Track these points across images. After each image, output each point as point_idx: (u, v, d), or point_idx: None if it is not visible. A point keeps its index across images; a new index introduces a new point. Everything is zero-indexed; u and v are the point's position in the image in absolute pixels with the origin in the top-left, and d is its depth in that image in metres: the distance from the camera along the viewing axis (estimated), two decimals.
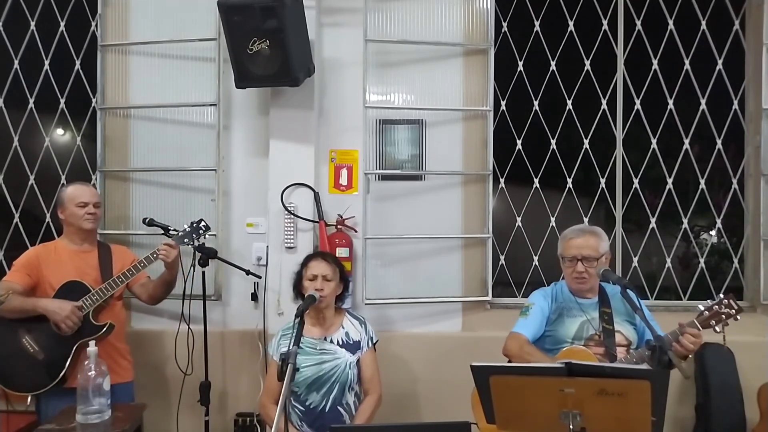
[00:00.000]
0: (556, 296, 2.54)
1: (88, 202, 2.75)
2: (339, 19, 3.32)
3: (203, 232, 2.85)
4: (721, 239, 3.63)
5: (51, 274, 2.69)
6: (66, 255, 2.76)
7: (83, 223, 2.74)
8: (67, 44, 3.54)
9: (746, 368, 3.20)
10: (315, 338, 2.55)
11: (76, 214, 2.74)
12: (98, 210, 2.80)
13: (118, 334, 2.77)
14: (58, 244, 2.83)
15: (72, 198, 2.75)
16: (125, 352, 2.86)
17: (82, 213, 2.73)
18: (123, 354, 2.83)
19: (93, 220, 2.77)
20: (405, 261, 3.39)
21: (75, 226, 2.76)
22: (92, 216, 2.76)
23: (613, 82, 3.48)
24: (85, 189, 2.79)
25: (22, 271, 2.68)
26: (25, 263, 2.71)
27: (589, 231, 2.50)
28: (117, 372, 2.72)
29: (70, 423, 2.11)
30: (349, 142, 3.33)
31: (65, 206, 2.76)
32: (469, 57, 3.41)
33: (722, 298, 2.24)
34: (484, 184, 3.39)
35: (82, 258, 2.77)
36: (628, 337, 2.43)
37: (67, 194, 2.76)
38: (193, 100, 3.35)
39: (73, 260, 2.75)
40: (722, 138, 3.46)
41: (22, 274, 2.67)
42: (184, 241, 2.80)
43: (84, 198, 2.75)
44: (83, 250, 2.80)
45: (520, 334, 2.43)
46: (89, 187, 2.84)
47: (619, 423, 1.68)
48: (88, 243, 2.82)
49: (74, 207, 2.74)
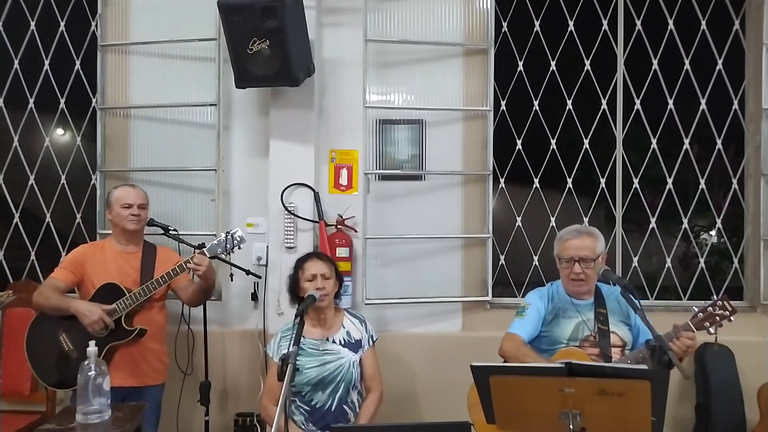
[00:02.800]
0: (552, 297, 2.54)
1: (132, 204, 2.78)
2: (339, 19, 3.32)
3: (238, 243, 2.77)
4: (721, 239, 3.63)
5: (94, 273, 2.74)
6: (111, 255, 2.79)
7: (126, 224, 2.77)
8: (67, 44, 3.54)
9: (746, 368, 3.20)
10: (317, 339, 2.55)
11: (121, 215, 2.77)
12: (143, 212, 2.83)
13: (153, 336, 2.77)
14: (105, 243, 2.86)
15: (118, 199, 2.79)
16: (161, 354, 2.85)
17: (126, 214, 2.77)
18: (159, 356, 2.83)
19: (136, 222, 2.79)
20: (405, 261, 3.39)
21: (120, 227, 2.80)
22: (136, 218, 2.78)
23: (613, 82, 3.48)
24: (131, 191, 2.83)
25: (68, 268, 2.75)
26: (71, 261, 2.77)
27: (586, 232, 2.49)
28: (149, 374, 2.76)
29: (70, 423, 2.11)
30: (349, 142, 3.33)
31: (112, 207, 2.80)
32: (469, 57, 3.42)
33: (716, 300, 2.25)
34: (484, 184, 3.39)
35: (125, 259, 2.80)
36: (623, 338, 2.43)
37: (114, 196, 2.81)
38: (193, 100, 3.35)
39: (117, 260, 2.78)
40: (722, 138, 3.46)
41: (67, 272, 2.74)
42: (218, 251, 2.75)
43: (129, 200, 2.78)
44: (128, 251, 2.82)
45: (516, 335, 2.43)
46: (136, 189, 2.86)
47: (619, 423, 1.68)
48: (133, 244, 2.84)
49: (119, 208, 2.78)
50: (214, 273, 2.81)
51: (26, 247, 3.45)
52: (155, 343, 2.80)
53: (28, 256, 3.49)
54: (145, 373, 2.74)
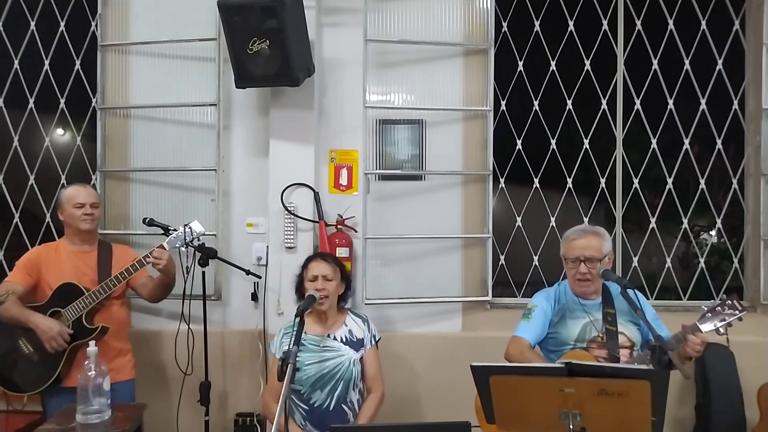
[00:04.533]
0: (558, 298, 2.51)
1: (84, 203, 2.75)
2: (339, 19, 3.32)
3: (197, 235, 2.77)
4: (721, 239, 3.63)
5: (50, 274, 2.71)
6: (65, 255, 2.77)
7: (80, 224, 2.74)
8: (67, 44, 3.54)
9: (746, 368, 3.20)
10: (318, 335, 2.55)
11: (74, 215, 2.74)
12: (96, 210, 2.80)
13: (115, 334, 2.76)
14: (59, 244, 2.84)
15: (69, 199, 2.76)
16: (125, 350, 2.85)
17: (79, 214, 2.74)
18: (122, 353, 2.83)
19: (90, 221, 2.76)
20: (405, 261, 3.39)
21: (73, 227, 2.77)
22: (89, 216, 2.76)
23: (613, 82, 3.48)
24: (81, 190, 2.79)
25: (23, 270, 2.71)
26: (26, 263, 2.74)
27: (592, 231, 2.47)
28: (115, 370, 2.71)
29: (70, 423, 2.11)
30: (349, 142, 3.33)
31: (63, 207, 2.77)
32: (469, 57, 3.41)
33: (726, 299, 2.20)
34: (484, 184, 3.39)
35: (81, 258, 2.78)
36: (632, 339, 2.39)
37: (65, 195, 2.77)
38: (193, 100, 3.35)
39: (72, 261, 2.76)
40: (722, 138, 3.46)
41: (23, 274, 2.70)
42: (176, 245, 2.75)
43: (80, 199, 2.75)
44: (83, 250, 2.80)
45: (521, 338, 2.41)
46: (87, 188, 2.84)
47: (619, 423, 1.68)
48: (88, 244, 2.82)
49: (72, 208, 2.75)
50: (174, 267, 2.77)
51: (26, 247, 3.45)
52: (118, 340, 2.79)
53: None
54: (112, 369, 2.60)
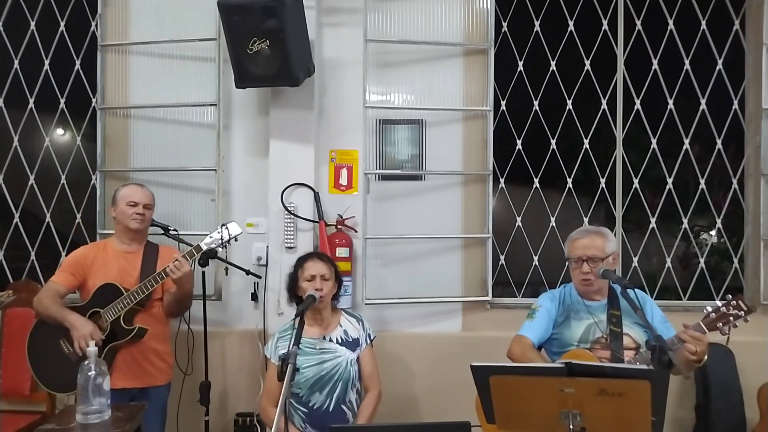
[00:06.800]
0: (563, 299, 2.50)
1: (138, 203, 2.76)
2: (339, 19, 3.32)
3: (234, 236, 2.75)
4: (721, 239, 3.63)
5: (96, 273, 2.71)
6: (112, 255, 2.77)
7: (130, 222, 2.75)
8: (67, 44, 3.54)
9: (746, 368, 3.20)
10: (314, 338, 2.55)
11: (125, 213, 2.75)
12: (148, 212, 2.80)
13: (155, 336, 2.74)
14: (107, 243, 2.84)
15: (124, 197, 2.77)
16: (164, 354, 2.81)
17: (131, 212, 2.75)
18: (161, 356, 2.79)
19: (140, 221, 2.76)
20: (405, 261, 3.39)
21: (123, 225, 2.77)
22: (140, 216, 2.76)
23: (613, 82, 3.48)
24: (137, 189, 2.81)
25: (68, 270, 2.72)
26: (71, 263, 2.74)
27: (595, 231, 2.46)
28: (152, 375, 2.73)
29: (70, 423, 2.11)
30: (349, 142, 3.33)
31: (117, 204, 2.78)
32: (469, 57, 3.42)
33: (730, 299, 2.17)
34: (484, 184, 3.39)
35: (126, 258, 2.77)
36: (637, 340, 2.37)
37: (121, 193, 2.79)
38: (193, 100, 3.35)
39: (118, 260, 2.76)
40: (722, 138, 3.46)
41: (67, 274, 2.71)
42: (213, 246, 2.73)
43: (134, 198, 2.76)
44: (130, 250, 2.80)
45: (524, 337, 2.41)
46: (144, 188, 2.84)
47: (619, 423, 1.68)
48: (136, 243, 2.82)
49: (124, 205, 2.75)
50: (190, 283, 2.72)
51: (26, 247, 3.45)
52: (157, 342, 2.76)
53: (28, 256, 3.49)
54: (149, 373, 2.71)
